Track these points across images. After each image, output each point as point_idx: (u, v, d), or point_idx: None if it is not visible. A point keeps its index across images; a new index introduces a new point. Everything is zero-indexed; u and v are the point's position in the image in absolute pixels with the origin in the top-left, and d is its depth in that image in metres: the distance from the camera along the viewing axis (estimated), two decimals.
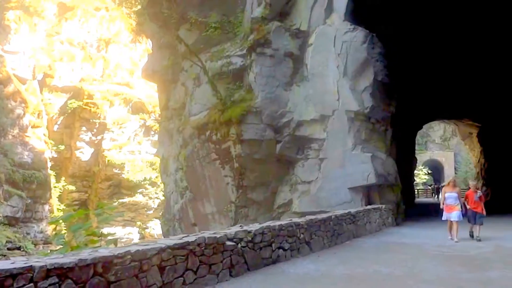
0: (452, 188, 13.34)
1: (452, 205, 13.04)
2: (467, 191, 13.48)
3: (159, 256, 6.55)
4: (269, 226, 9.29)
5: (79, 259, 5.39)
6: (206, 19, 19.69)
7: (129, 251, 6.18)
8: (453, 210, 12.95)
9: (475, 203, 13.01)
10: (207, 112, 19.65)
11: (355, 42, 16.87)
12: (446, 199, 13.20)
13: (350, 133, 16.94)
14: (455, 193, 13.21)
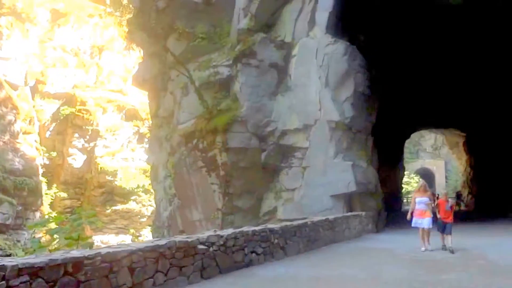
0: (423, 193, 12.77)
1: (423, 210, 12.46)
2: (439, 200, 13.08)
3: (129, 258, 6.97)
4: (242, 231, 9.73)
5: (49, 259, 5.82)
6: (193, 30, 20.16)
7: (100, 252, 6.62)
8: (424, 216, 12.37)
9: (445, 213, 12.51)
10: (194, 121, 20.11)
11: (336, 54, 17.38)
12: (417, 204, 12.61)
13: (332, 142, 17.41)
14: (426, 198, 12.61)
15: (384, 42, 20.85)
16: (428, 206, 12.52)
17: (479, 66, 24.64)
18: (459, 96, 28.37)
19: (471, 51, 23.23)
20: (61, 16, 44.15)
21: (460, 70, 25.45)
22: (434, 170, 62.81)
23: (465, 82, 26.74)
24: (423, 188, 13.01)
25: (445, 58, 24.28)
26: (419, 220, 12.47)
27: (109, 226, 40.63)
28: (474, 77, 25.90)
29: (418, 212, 12.52)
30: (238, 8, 20.05)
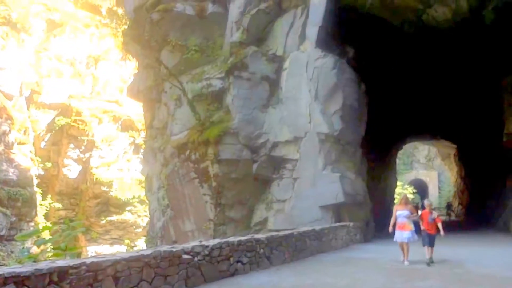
0: (404, 206, 12.56)
1: (404, 223, 12.21)
2: (422, 211, 12.69)
3: (113, 267, 7.19)
4: (227, 241, 9.97)
5: (35, 269, 6.05)
6: (186, 42, 20.52)
7: (85, 262, 6.84)
8: (405, 230, 12.12)
9: (429, 225, 12.18)
10: (187, 132, 20.40)
11: (325, 68, 17.74)
12: (397, 217, 12.34)
13: (321, 154, 17.71)
14: (407, 211, 12.35)
15: (374, 55, 21.19)
16: (408, 219, 12.28)
17: (468, 78, 25.02)
18: (449, 108, 28.77)
19: (460, 64, 23.62)
20: (57, 26, 44.46)
21: (449, 83, 25.85)
22: (428, 181, 63.40)
23: (454, 94, 27.13)
24: (403, 201, 12.84)
25: (434, 71, 24.66)
26: (400, 234, 12.24)
27: (103, 237, 40.75)
28: (464, 89, 26.29)
29: (399, 225, 12.29)
30: (231, 21, 20.46)
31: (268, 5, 19.35)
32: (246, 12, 19.65)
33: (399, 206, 12.76)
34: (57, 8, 44.91)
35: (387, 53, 21.84)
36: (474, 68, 23.61)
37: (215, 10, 20.86)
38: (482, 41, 19.32)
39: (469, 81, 25.22)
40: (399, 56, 22.53)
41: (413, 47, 21.54)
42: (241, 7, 19.84)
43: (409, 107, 28.78)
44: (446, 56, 22.85)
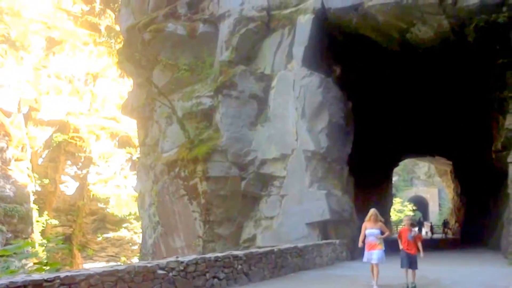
0: (373, 223, 11.19)
1: (373, 243, 10.97)
2: (401, 229, 11.45)
3: (87, 281, 7.42)
4: (203, 257, 10.19)
5: (10, 282, 6.33)
6: (177, 62, 20.92)
7: (59, 276, 7.09)
8: (374, 249, 10.94)
9: (408, 244, 10.85)
10: (177, 150, 20.70)
11: (311, 87, 18.07)
12: (367, 236, 11.10)
13: (307, 172, 17.95)
14: (377, 230, 11.06)
15: (364, 74, 21.56)
16: (378, 239, 11.00)
17: (458, 95, 25.30)
18: (442, 125, 29.05)
19: (449, 81, 23.93)
20: (56, 44, 45.07)
21: (441, 99, 26.13)
22: (428, 198, 63.39)
23: (446, 111, 27.39)
24: (373, 217, 11.26)
25: (426, 88, 24.97)
26: (369, 254, 11.04)
27: (100, 254, 40.89)
28: (455, 105, 26.54)
29: (368, 245, 11.08)
30: (221, 41, 20.87)
31: (257, 25, 19.74)
32: (235, 31, 20.05)
33: (368, 223, 11.26)
34: (56, 26, 45.58)
35: (378, 71, 22.23)
36: (463, 85, 23.93)
37: (206, 30, 21.27)
38: (467, 58, 19.63)
39: (460, 98, 25.52)
40: (389, 74, 22.90)
41: (402, 65, 21.91)
42: (230, 27, 20.25)
43: (402, 124, 29.12)
44: (435, 73, 23.19)
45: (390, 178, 38.49)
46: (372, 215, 11.32)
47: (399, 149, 32.20)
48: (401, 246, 11.01)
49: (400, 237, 11.11)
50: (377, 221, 11.27)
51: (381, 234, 11.06)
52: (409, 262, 10.80)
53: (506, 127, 18.29)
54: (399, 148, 31.96)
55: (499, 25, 16.60)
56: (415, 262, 10.83)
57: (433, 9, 16.57)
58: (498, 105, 19.65)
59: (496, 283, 12.08)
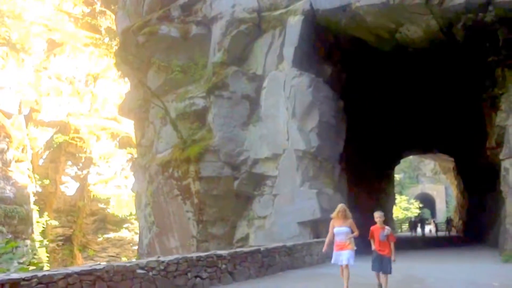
0: (342, 221, 9.99)
1: (343, 243, 9.82)
2: (372, 227, 9.93)
3: (65, 280, 7.63)
4: (185, 257, 10.37)
5: None
6: (170, 63, 21.10)
7: (36, 275, 7.33)
8: (344, 249, 9.77)
9: (380, 244, 9.67)
10: (171, 150, 20.90)
11: (302, 87, 18.21)
12: (335, 235, 9.95)
13: (299, 171, 18.10)
14: (346, 228, 9.88)
15: (355, 73, 21.67)
16: (348, 237, 9.87)
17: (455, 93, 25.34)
18: (442, 122, 29.12)
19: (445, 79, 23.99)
20: (57, 45, 45.39)
21: (439, 97, 26.21)
22: (435, 195, 62.84)
23: (445, 108, 27.44)
24: (341, 213, 10.06)
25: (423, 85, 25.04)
26: (337, 255, 9.89)
27: (100, 254, 41.12)
28: (453, 103, 26.58)
29: (337, 245, 9.92)
30: (214, 42, 21.03)
31: (248, 26, 19.90)
32: (227, 33, 20.22)
33: (336, 221, 10.08)
34: (57, 28, 45.92)
35: (371, 70, 22.34)
36: (457, 83, 24.01)
37: (199, 32, 21.44)
38: (459, 57, 19.73)
39: (455, 96, 25.59)
40: (383, 72, 23.01)
41: (396, 64, 22.00)
42: (222, 29, 20.42)
43: (400, 121, 29.21)
44: (429, 72, 23.28)
45: (391, 175, 38.50)
46: (340, 211, 10.06)
47: (398, 146, 32.28)
48: (373, 246, 9.88)
49: (372, 237, 9.87)
50: (346, 218, 10.01)
51: (351, 232, 9.88)
52: (380, 265, 9.68)
53: (497, 124, 18.37)
54: (398, 145, 32.04)
55: (487, 24, 16.69)
56: (388, 265, 9.62)
57: (420, 9, 16.66)
58: (490, 102, 19.74)
59: (479, 281, 12.15)
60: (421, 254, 20.98)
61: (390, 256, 9.60)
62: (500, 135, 18.17)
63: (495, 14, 16.14)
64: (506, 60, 17.51)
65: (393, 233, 10.02)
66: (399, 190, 56.72)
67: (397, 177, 55.20)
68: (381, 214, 9.89)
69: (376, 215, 9.87)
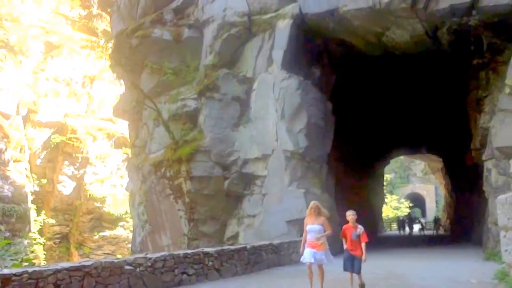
0: (315, 218, 9.49)
1: (315, 242, 9.30)
2: (344, 226, 9.70)
3: (55, 276, 8.08)
4: (172, 254, 10.84)
5: None
6: (163, 66, 21.56)
7: (27, 270, 7.77)
8: (316, 249, 9.28)
9: (352, 243, 9.42)
10: (163, 151, 21.37)
11: (290, 89, 18.67)
12: (308, 233, 9.47)
13: (287, 171, 18.56)
14: (318, 226, 9.36)
15: (344, 75, 22.16)
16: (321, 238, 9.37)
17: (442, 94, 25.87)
18: (430, 122, 29.64)
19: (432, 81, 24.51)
20: (54, 48, 45.92)
21: (426, 98, 26.73)
22: (425, 194, 64.01)
23: (432, 109, 27.96)
24: (313, 210, 9.58)
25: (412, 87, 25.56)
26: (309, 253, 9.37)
27: (96, 252, 41.53)
28: (440, 104, 27.11)
29: (309, 243, 9.43)
30: (206, 45, 21.50)
31: (239, 29, 20.36)
32: (218, 36, 20.67)
33: (309, 218, 9.63)
34: (54, 30, 46.41)
35: (360, 73, 22.85)
36: (444, 85, 24.55)
37: (191, 35, 21.91)
38: (445, 60, 20.24)
39: (444, 98, 26.12)
40: (372, 75, 23.53)
41: (384, 67, 22.51)
42: (214, 32, 20.88)
43: (387, 122, 29.74)
44: (417, 74, 23.81)
45: (381, 175, 39.04)
46: (312, 208, 9.59)
47: (387, 146, 32.80)
48: (345, 245, 9.67)
49: (344, 236, 9.65)
50: (319, 215, 9.51)
51: (324, 231, 9.42)
52: (352, 265, 9.43)
53: (481, 126, 18.88)
54: (387, 145, 32.56)
55: (471, 27, 17.17)
56: (358, 265, 9.38)
57: (406, 13, 17.11)
58: (475, 105, 20.23)
59: (458, 278, 12.55)
60: (405, 252, 21.49)
61: (361, 255, 9.32)
62: (484, 136, 18.63)
63: (479, 18, 16.57)
64: (490, 63, 18.02)
65: (365, 232, 9.54)
66: (390, 189, 57.63)
67: (388, 177, 56.21)
68: (353, 213, 9.57)
69: (348, 214, 9.58)
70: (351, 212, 9.60)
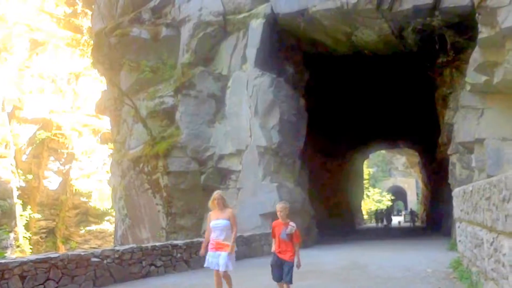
0: (220, 212, 7.87)
1: (219, 240, 7.74)
2: (273, 222, 7.74)
3: (20, 268, 8.63)
4: (140, 246, 11.46)
5: None
6: (141, 64, 22.05)
7: None
8: (220, 250, 7.69)
9: (282, 244, 7.40)
10: (142, 147, 21.94)
11: (263, 86, 19.27)
12: (212, 230, 7.82)
13: (261, 166, 19.21)
14: (224, 220, 7.76)
15: (317, 72, 22.77)
16: (226, 233, 7.76)
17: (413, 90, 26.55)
18: (404, 117, 30.38)
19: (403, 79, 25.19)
20: (39, 45, 46.13)
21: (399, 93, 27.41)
22: (406, 187, 65.29)
23: (405, 104, 28.65)
24: (217, 202, 7.90)
25: (380, 84, 26.24)
26: (212, 256, 7.80)
27: (83, 246, 42.01)
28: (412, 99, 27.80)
29: (212, 244, 7.83)
30: (183, 44, 22.03)
31: (214, 29, 20.91)
32: (194, 35, 21.21)
33: (212, 213, 8.02)
34: (40, 28, 46.56)
35: (332, 70, 23.48)
36: (416, 82, 25.23)
37: (169, 34, 22.39)
38: (412, 58, 20.91)
39: (416, 94, 26.82)
40: (344, 72, 24.18)
41: (356, 64, 23.14)
42: (190, 31, 21.40)
43: (366, 117, 30.46)
44: (389, 72, 24.47)
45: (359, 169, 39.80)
46: (215, 198, 7.92)
47: (364, 141, 33.55)
48: (273, 247, 7.63)
49: (273, 235, 7.66)
50: (225, 206, 7.99)
51: (231, 227, 7.84)
52: (280, 273, 7.40)
53: (446, 122, 19.61)
54: (364, 140, 33.31)
55: (435, 27, 17.83)
56: (289, 272, 7.31)
57: (372, 14, 17.71)
58: (442, 101, 20.95)
59: (416, 267, 13.17)
60: (376, 243, 22.25)
61: (293, 260, 7.34)
62: (450, 132, 19.38)
63: (441, 18, 17.18)
64: (454, 61, 18.70)
65: (298, 231, 7.65)
66: (372, 183, 58.77)
67: (371, 170, 57.18)
68: (283, 206, 7.56)
69: (277, 208, 7.58)
70: (282, 205, 7.58)
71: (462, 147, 17.50)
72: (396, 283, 10.45)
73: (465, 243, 10.16)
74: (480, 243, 7.54)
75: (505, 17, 12.58)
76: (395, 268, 12.97)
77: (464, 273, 10.21)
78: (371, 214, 53.07)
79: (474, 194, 7.72)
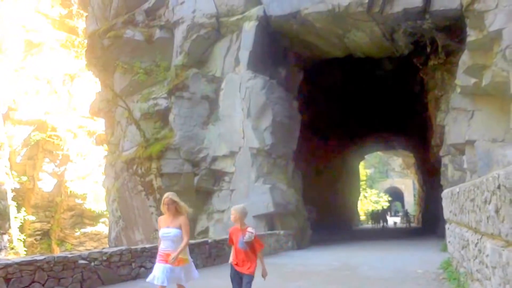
0: (171, 219, 6.72)
1: (168, 251, 6.56)
2: (231, 229, 6.82)
3: (5, 270, 8.55)
4: (129, 249, 11.42)
5: None
6: (134, 66, 22.07)
7: None
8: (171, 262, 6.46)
9: (239, 254, 6.50)
10: (135, 148, 21.93)
11: (256, 88, 19.33)
12: (162, 240, 6.73)
13: (253, 167, 19.24)
14: (175, 229, 6.60)
15: (312, 72, 22.84)
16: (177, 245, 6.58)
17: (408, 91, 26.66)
18: (399, 119, 30.46)
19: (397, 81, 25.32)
20: (35, 46, 46.05)
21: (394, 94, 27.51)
22: (403, 188, 65.38)
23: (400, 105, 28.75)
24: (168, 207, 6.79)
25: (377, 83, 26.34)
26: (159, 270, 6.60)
27: (78, 248, 41.88)
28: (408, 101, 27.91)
29: (160, 254, 6.71)
30: (176, 45, 22.04)
31: (208, 31, 20.93)
32: (188, 37, 21.23)
33: (162, 220, 6.90)
34: (35, 29, 46.49)
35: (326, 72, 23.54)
36: (410, 85, 25.34)
37: (162, 36, 22.41)
38: (404, 60, 21.00)
39: (410, 96, 26.93)
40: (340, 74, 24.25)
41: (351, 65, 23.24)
42: (184, 33, 21.41)
43: (361, 118, 30.52)
44: (383, 73, 24.58)
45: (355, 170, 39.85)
46: (166, 203, 6.79)
47: (360, 142, 33.60)
48: (231, 258, 6.76)
49: (231, 242, 6.79)
50: (176, 213, 6.78)
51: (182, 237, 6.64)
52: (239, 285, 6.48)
53: (438, 123, 19.69)
54: (360, 141, 33.35)
55: (425, 30, 17.92)
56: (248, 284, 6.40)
57: (363, 17, 17.80)
58: (434, 103, 21.03)
59: (407, 268, 13.27)
60: (370, 244, 22.28)
61: (252, 273, 6.43)
62: (442, 133, 19.46)
63: (431, 21, 17.31)
64: (445, 64, 18.79)
65: (259, 237, 6.75)
66: (369, 184, 58.88)
67: (368, 172, 57.32)
68: (238, 210, 6.70)
69: (233, 211, 6.72)
70: (237, 209, 6.72)
71: (453, 148, 17.58)
72: (384, 284, 10.49)
73: (453, 244, 10.19)
74: (466, 244, 7.58)
75: (493, 21, 12.68)
76: (386, 269, 13.06)
77: (453, 274, 10.28)
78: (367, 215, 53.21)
79: (460, 195, 7.76)
